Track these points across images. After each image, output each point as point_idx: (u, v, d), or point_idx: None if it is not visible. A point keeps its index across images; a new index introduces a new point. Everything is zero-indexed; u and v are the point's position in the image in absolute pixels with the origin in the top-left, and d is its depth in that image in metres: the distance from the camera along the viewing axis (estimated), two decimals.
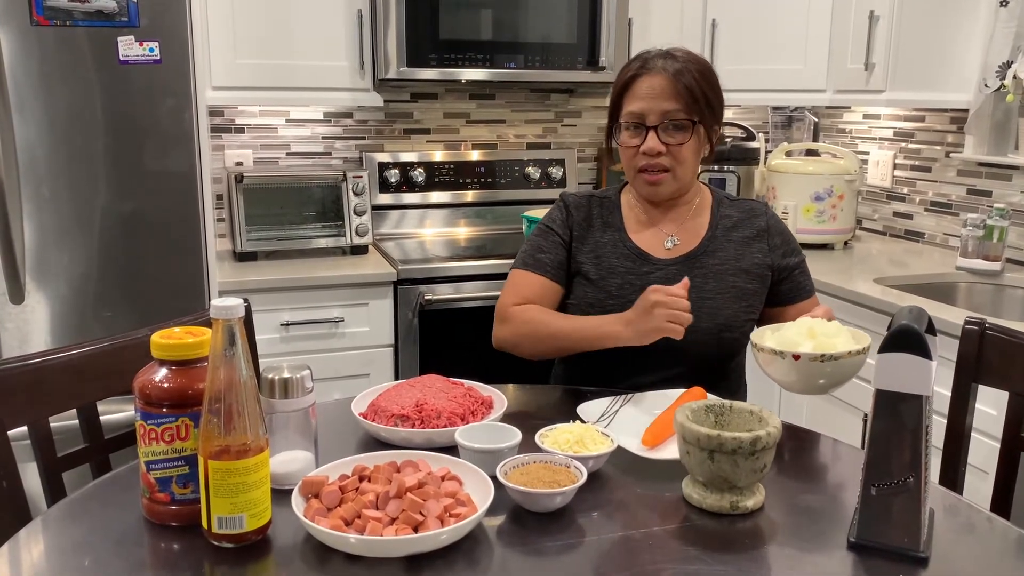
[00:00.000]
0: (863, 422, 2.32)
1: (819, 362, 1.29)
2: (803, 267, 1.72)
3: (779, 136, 3.47)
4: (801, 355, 1.29)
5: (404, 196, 3.09)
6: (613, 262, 1.67)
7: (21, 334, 2.12)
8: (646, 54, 1.64)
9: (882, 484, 1.06)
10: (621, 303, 1.61)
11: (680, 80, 1.58)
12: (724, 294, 1.64)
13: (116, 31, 2.07)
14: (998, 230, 2.56)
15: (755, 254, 1.68)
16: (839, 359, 1.29)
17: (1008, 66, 2.55)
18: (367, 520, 1.04)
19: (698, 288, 1.62)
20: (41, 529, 1.12)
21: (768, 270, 1.68)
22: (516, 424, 1.29)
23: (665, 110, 1.58)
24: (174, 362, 1.09)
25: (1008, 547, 1.13)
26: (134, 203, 2.16)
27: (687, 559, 1.05)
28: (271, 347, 2.47)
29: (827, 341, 1.32)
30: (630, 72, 1.63)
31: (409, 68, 2.68)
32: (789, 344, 1.32)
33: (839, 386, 1.35)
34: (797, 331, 1.35)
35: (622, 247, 1.68)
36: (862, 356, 1.32)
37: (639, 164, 1.63)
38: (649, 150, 1.60)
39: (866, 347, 1.32)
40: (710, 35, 2.98)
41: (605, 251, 1.68)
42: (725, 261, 1.66)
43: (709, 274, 1.65)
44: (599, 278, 1.66)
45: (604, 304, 1.63)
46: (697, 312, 1.60)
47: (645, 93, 1.59)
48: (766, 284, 1.68)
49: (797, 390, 1.36)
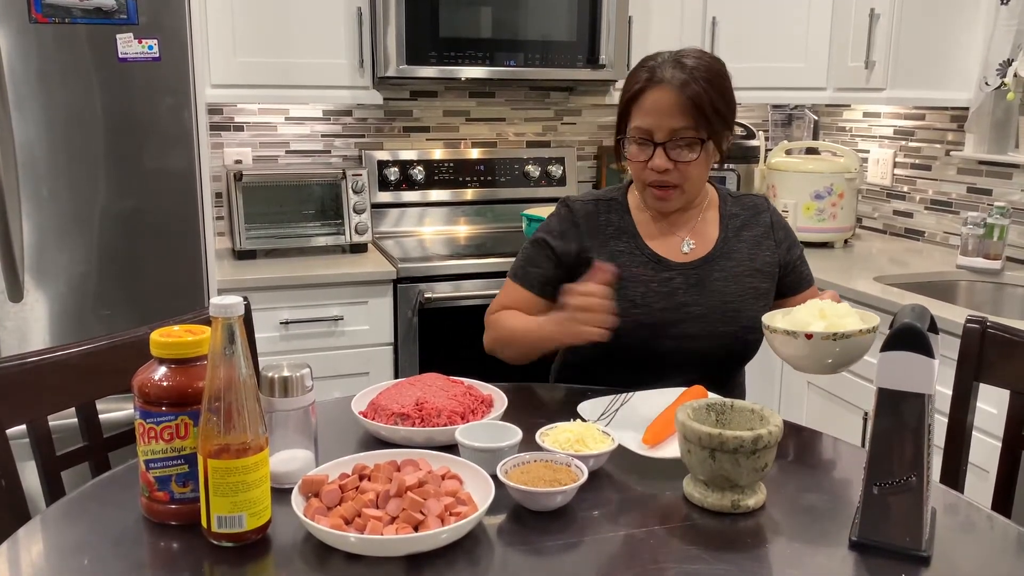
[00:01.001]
0: (863, 421, 2.32)
1: (831, 340, 1.32)
2: (803, 256, 1.74)
3: (779, 134, 3.46)
4: (814, 334, 1.32)
5: (403, 194, 3.09)
6: (633, 271, 1.62)
7: (20, 333, 2.11)
8: (654, 61, 1.57)
9: (884, 483, 1.05)
10: (647, 310, 1.60)
11: (688, 95, 1.51)
12: (744, 296, 1.63)
13: (115, 28, 2.07)
14: (998, 228, 2.56)
15: (766, 253, 1.68)
16: (850, 337, 1.32)
17: (1008, 64, 2.55)
18: (367, 519, 1.03)
19: (720, 292, 1.62)
20: (40, 528, 1.12)
21: (777, 267, 1.69)
22: (516, 423, 1.29)
23: (673, 128, 1.53)
24: (173, 360, 1.09)
25: (1009, 546, 1.13)
26: (133, 201, 2.16)
27: (688, 558, 1.05)
28: (270, 345, 2.46)
29: (838, 321, 1.35)
30: (638, 84, 1.56)
31: (409, 66, 2.68)
32: (801, 325, 1.35)
33: (849, 365, 1.38)
34: (808, 312, 1.38)
35: (640, 255, 1.64)
36: (872, 335, 1.34)
37: (647, 179, 1.59)
38: (657, 167, 1.55)
39: (875, 326, 1.35)
40: (710, 33, 2.97)
41: (623, 260, 1.63)
42: (741, 263, 1.66)
43: (728, 277, 1.64)
44: (621, 286, 1.59)
45: (628, 313, 1.57)
46: (722, 316, 1.62)
47: (652, 108, 1.54)
48: (775, 281, 1.69)
49: (810, 369, 1.40)
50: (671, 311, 1.61)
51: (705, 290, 1.63)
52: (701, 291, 1.62)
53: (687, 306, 1.61)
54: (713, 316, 1.61)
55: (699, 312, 1.61)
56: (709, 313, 1.62)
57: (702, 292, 1.62)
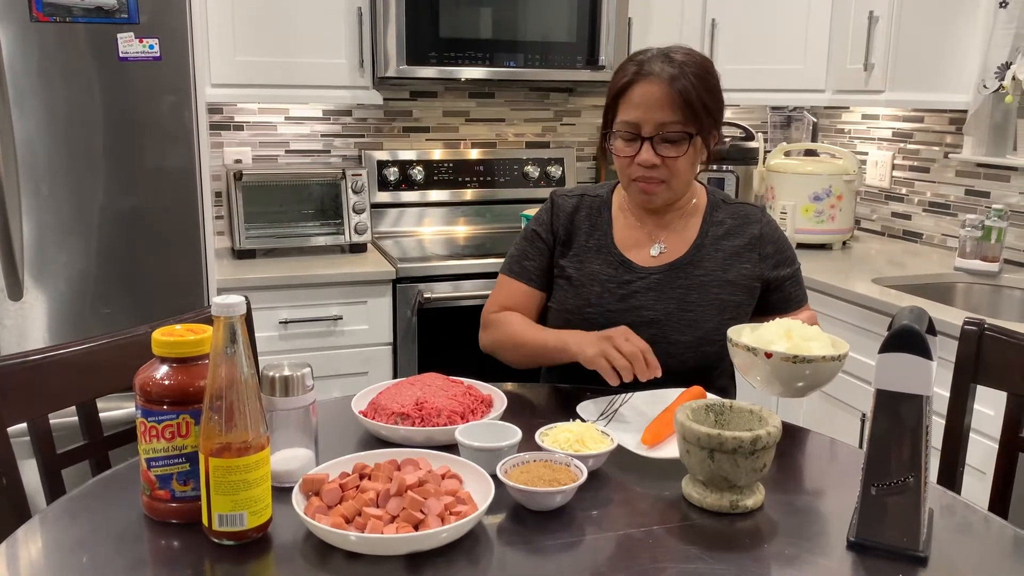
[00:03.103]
0: (861, 422, 2.32)
1: (791, 363, 1.26)
2: (796, 277, 1.67)
3: (778, 136, 3.47)
4: (774, 354, 1.27)
5: (403, 194, 3.09)
6: (595, 268, 1.63)
7: (20, 331, 2.12)
8: (643, 56, 1.57)
9: (882, 484, 1.06)
10: (600, 311, 1.60)
11: (677, 89, 1.51)
12: (706, 306, 1.60)
13: (116, 28, 2.07)
14: (996, 231, 2.57)
15: (744, 264, 1.63)
16: (812, 362, 1.26)
17: (1007, 67, 2.55)
18: (368, 518, 1.04)
19: (680, 299, 1.60)
20: (40, 527, 1.12)
21: (757, 281, 1.64)
22: (516, 422, 1.29)
23: (661, 122, 1.52)
24: (175, 359, 1.09)
25: (1006, 547, 1.14)
26: (133, 200, 2.16)
27: (687, 558, 1.05)
28: (270, 345, 2.46)
29: (803, 343, 1.29)
30: (626, 77, 1.55)
31: (408, 66, 2.68)
32: (764, 343, 1.30)
33: (810, 391, 1.33)
34: (775, 331, 1.33)
35: (606, 253, 1.65)
36: (837, 363, 1.29)
37: (634, 174, 1.58)
38: (644, 162, 1.54)
39: (842, 354, 1.29)
40: (710, 35, 2.98)
41: (589, 256, 1.65)
42: (710, 272, 1.62)
43: (692, 285, 1.61)
44: (580, 284, 1.63)
45: (582, 312, 1.61)
46: (678, 323, 1.59)
47: (640, 101, 1.53)
48: (754, 296, 1.64)
49: (767, 390, 1.33)
50: (622, 313, 1.59)
51: (663, 296, 1.60)
52: (659, 297, 1.60)
53: (640, 310, 1.60)
54: (667, 323, 1.59)
55: (651, 317, 1.59)
56: (663, 319, 1.59)
57: (659, 298, 1.60)
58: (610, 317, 1.59)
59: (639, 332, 1.50)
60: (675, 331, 1.59)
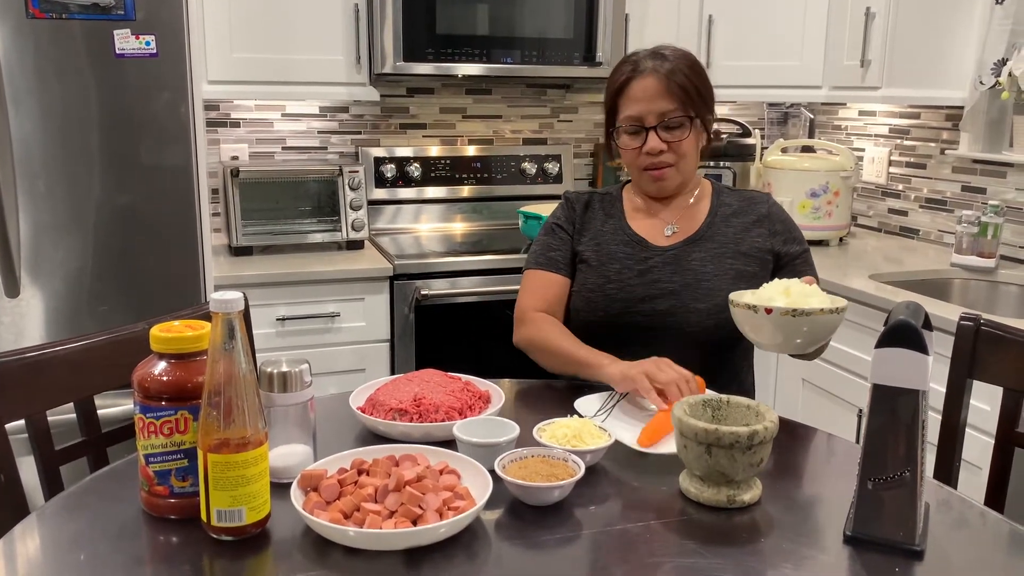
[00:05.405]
0: (858, 417, 2.33)
1: (791, 317, 1.30)
2: (805, 256, 1.72)
3: (775, 132, 3.47)
4: (773, 309, 1.31)
5: (400, 191, 3.09)
6: (613, 248, 1.70)
7: (16, 328, 2.11)
8: (635, 56, 1.67)
9: (878, 478, 1.06)
10: (620, 286, 1.65)
11: (673, 79, 1.62)
12: (722, 275, 1.65)
13: (112, 24, 2.06)
14: (992, 227, 2.57)
15: (755, 238, 1.70)
16: (810, 315, 1.30)
17: (1003, 63, 2.56)
18: (366, 513, 1.04)
19: (696, 271, 1.65)
20: (38, 523, 1.12)
21: (769, 254, 1.69)
22: (514, 418, 1.29)
23: (662, 111, 1.62)
24: (173, 355, 1.09)
25: (1001, 541, 1.14)
26: (129, 197, 2.16)
27: (684, 552, 1.06)
28: (267, 342, 2.46)
29: (801, 300, 1.33)
30: (622, 76, 1.66)
31: (405, 63, 2.68)
32: (763, 300, 1.35)
33: (813, 346, 1.36)
34: (774, 289, 1.38)
35: (622, 234, 1.72)
36: (836, 316, 1.33)
37: (643, 163, 1.67)
38: (651, 150, 1.64)
39: (840, 307, 1.33)
40: (706, 31, 2.98)
41: (605, 238, 1.72)
42: (724, 244, 1.68)
43: (708, 257, 1.67)
44: (599, 264, 1.69)
45: (604, 289, 1.66)
46: (695, 292, 1.64)
47: (640, 96, 1.63)
48: (767, 269, 1.69)
49: (771, 347, 1.37)
50: (643, 286, 1.65)
51: (680, 268, 1.66)
52: (676, 269, 1.66)
53: (659, 282, 1.65)
54: (686, 293, 1.64)
55: (671, 288, 1.64)
56: (682, 290, 1.64)
57: (677, 270, 1.66)
58: (631, 291, 1.65)
59: (658, 303, 1.63)
60: (693, 299, 1.64)
